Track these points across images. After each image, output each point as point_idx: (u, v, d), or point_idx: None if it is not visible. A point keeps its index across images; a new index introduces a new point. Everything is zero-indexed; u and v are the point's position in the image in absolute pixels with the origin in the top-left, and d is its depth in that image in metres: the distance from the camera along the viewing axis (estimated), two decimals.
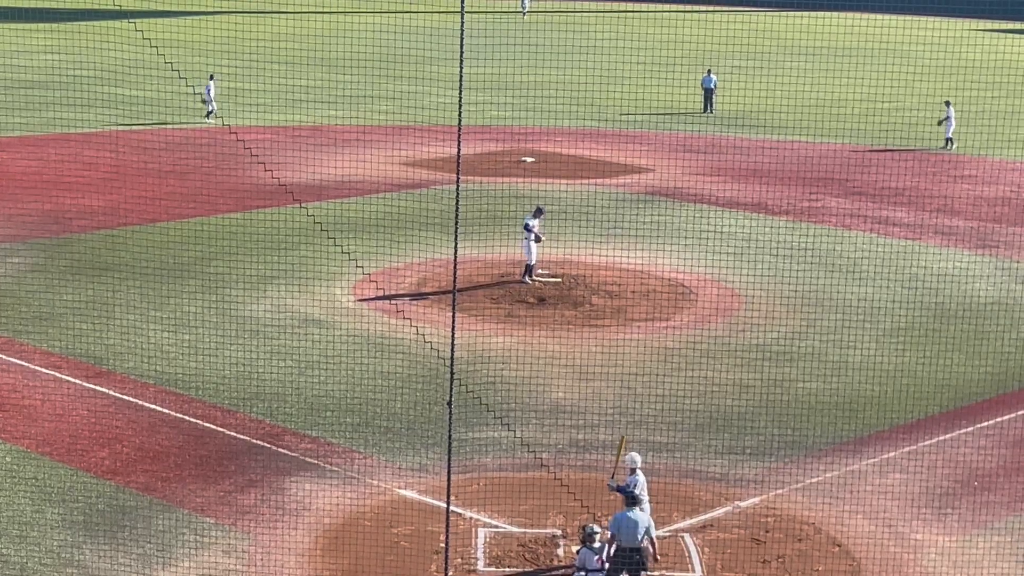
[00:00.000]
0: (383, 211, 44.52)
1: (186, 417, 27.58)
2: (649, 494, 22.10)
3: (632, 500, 20.54)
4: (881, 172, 54.61)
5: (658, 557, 20.92)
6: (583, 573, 20.33)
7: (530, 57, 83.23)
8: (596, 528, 20.38)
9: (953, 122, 61.82)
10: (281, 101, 70.55)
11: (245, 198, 46.78)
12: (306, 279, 37.11)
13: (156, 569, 21.54)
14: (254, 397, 28.64)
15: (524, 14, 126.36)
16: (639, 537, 20.23)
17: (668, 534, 22.95)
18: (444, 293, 35.81)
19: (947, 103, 62.23)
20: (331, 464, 25.59)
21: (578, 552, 21.04)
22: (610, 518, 20.92)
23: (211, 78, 63.23)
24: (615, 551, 20.32)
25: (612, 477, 22.03)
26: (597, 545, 20.24)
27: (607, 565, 20.32)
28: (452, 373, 20.82)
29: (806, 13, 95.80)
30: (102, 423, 27.04)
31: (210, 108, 63.31)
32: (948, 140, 61.86)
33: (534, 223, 36.96)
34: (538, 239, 36.99)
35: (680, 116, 68.58)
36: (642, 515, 20.44)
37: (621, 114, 68.91)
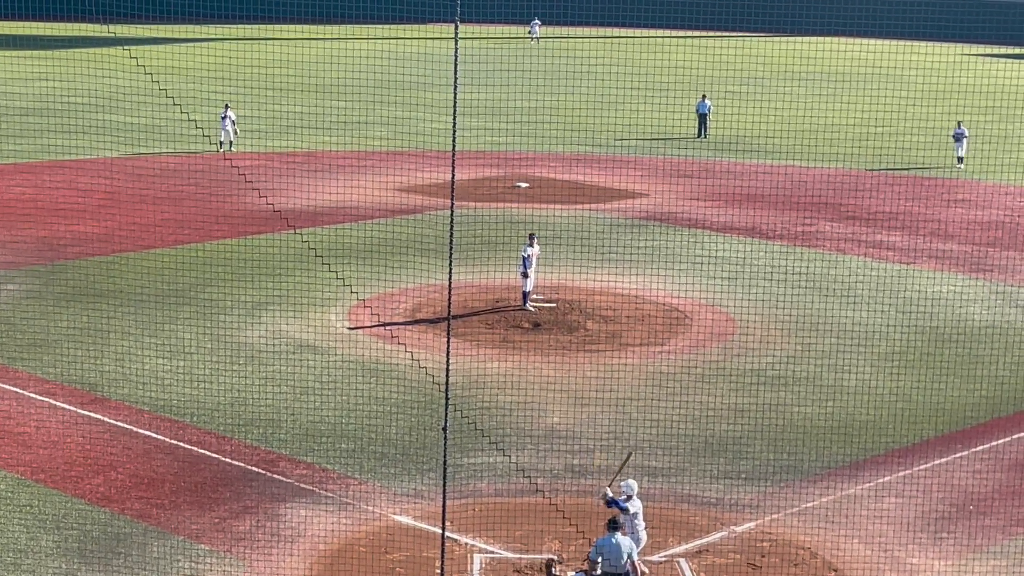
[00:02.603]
0: (378, 237, 44.54)
1: (181, 444, 27.53)
2: (645, 519, 22.09)
3: (613, 525, 20.54)
4: (875, 196, 54.74)
5: None
6: None
7: (525, 82, 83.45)
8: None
9: (964, 142, 62.51)
10: (276, 127, 70.66)
11: (240, 224, 46.79)
12: (301, 305, 37.10)
13: None
14: (249, 423, 28.60)
15: (535, 39, 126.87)
16: (623, 562, 20.22)
17: (664, 559, 22.92)
18: (439, 319, 35.79)
19: (959, 123, 62.96)
20: (326, 490, 25.54)
21: (575, 575, 21.06)
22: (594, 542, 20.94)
23: (227, 107, 62.68)
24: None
25: (610, 485, 22.05)
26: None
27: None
28: (447, 399, 20.82)
29: (800, 39, 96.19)
30: (97, 450, 26.99)
31: (226, 138, 62.45)
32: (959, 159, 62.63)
33: (531, 251, 36.91)
34: (525, 274, 36.90)
35: (674, 141, 68.72)
36: (624, 540, 20.45)
37: (615, 139, 69.04)
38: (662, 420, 28.74)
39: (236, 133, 62.60)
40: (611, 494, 21.80)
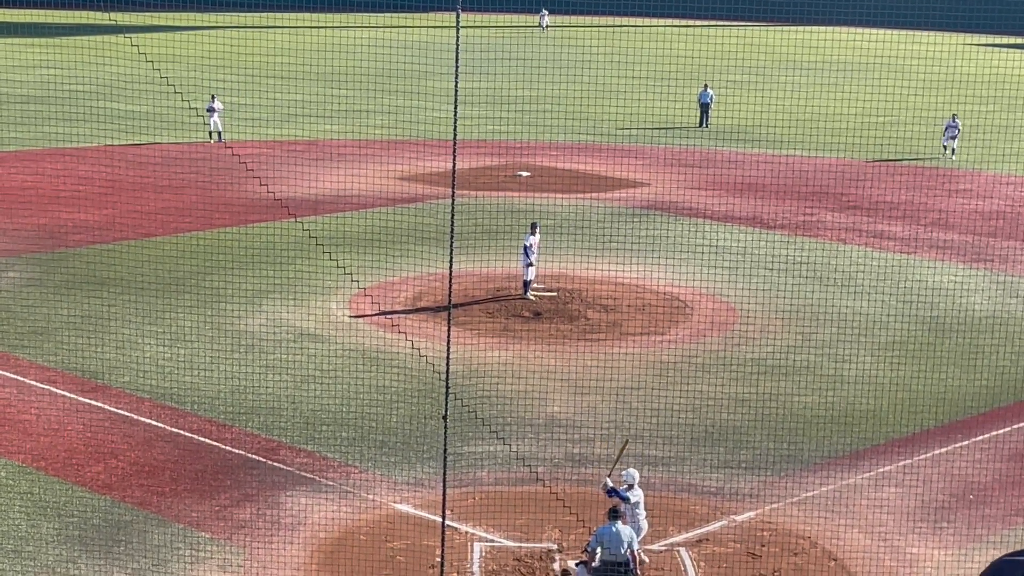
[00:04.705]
0: (379, 225, 44.53)
1: (181, 431, 27.55)
2: (646, 509, 22.11)
3: (614, 514, 20.54)
4: (876, 186, 54.72)
5: (638, 573, 20.91)
6: None
7: (527, 71, 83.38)
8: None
9: (954, 132, 62.70)
10: (277, 115, 70.64)
11: (241, 212, 46.80)
12: (302, 293, 37.11)
13: None
14: (250, 411, 28.62)
15: (543, 28, 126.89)
16: (623, 550, 20.24)
17: (664, 548, 22.94)
18: (440, 308, 35.81)
19: (953, 116, 63.09)
20: (327, 478, 25.56)
21: (576, 565, 21.10)
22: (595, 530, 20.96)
23: (213, 98, 62.46)
24: (599, 565, 20.34)
25: (610, 474, 22.05)
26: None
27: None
28: (448, 387, 20.82)
29: (802, 28, 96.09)
30: (97, 438, 27.01)
31: (216, 129, 62.23)
32: (950, 149, 62.73)
33: (532, 240, 36.89)
34: (529, 263, 36.84)
35: (676, 130, 68.70)
36: (625, 529, 20.45)
37: (617, 128, 68.99)
38: (662, 409, 28.75)
39: (219, 124, 62.32)
40: (612, 483, 21.81)
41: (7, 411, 28.38)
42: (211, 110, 61.75)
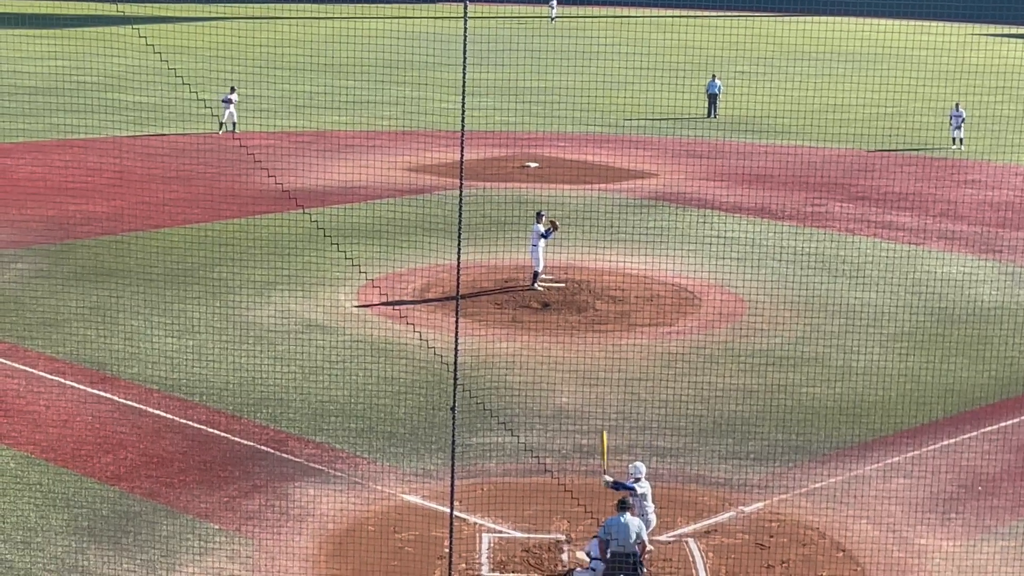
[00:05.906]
0: (387, 216, 44.52)
1: (190, 423, 27.60)
2: (654, 500, 22.10)
3: (623, 505, 20.54)
4: (885, 177, 54.64)
5: (646, 567, 20.94)
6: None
7: (535, 62, 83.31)
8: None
9: (959, 121, 62.66)
10: (285, 106, 70.62)
11: (249, 204, 46.81)
12: (310, 284, 37.13)
13: (160, 575, 21.55)
14: (258, 402, 28.65)
15: (552, 19, 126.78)
16: (632, 541, 20.25)
17: (672, 539, 22.95)
18: (448, 299, 35.81)
19: (957, 105, 63.01)
20: (335, 469, 25.59)
21: (589, 544, 21.15)
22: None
23: (232, 91, 62.27)
24: (608, 556, 20.35)
25: (605, 472, 22.04)
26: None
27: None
28: (456, 378, 20.83)
29: (810, 18, 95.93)
30: (106, 429, 27.06)
31: (228, 120, 62.13)
32: (958, 140, 62.69)
33: (540, 228, 36.85)
34: (546, 235, 36.72)
35: (684, 121, 68.64)
36: (633, 520, 20.47)
37: (625, 119, 68.92)
38: (671, 400, 28.75)
39: (235, 115, 62.28)
40: (611, 478, 21.78)
41: (17, 402, 28.43)
42: (227, 101, 61.71)
